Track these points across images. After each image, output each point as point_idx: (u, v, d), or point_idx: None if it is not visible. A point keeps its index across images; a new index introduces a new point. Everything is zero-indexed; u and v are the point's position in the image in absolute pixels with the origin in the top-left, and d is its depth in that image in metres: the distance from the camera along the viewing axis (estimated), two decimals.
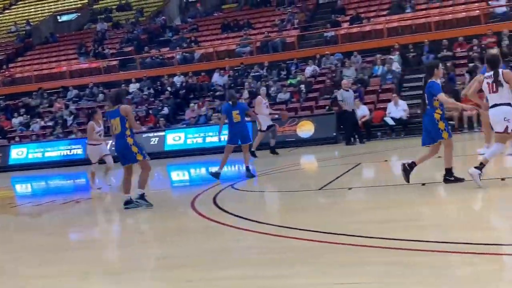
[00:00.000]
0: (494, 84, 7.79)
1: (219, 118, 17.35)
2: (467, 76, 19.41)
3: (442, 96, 8.28)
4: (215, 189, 10.45)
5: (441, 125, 8.39)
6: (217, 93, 23.92)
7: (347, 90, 18.23)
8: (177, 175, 16.64)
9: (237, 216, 7.58)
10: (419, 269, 4.65)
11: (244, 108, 12.57)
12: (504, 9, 23.51)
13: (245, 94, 22.91)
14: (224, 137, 12.72)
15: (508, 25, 22.35)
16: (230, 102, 12.26)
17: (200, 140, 20.95)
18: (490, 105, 8.07)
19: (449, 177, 8.29)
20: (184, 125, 22.27)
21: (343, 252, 5.40)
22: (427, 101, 8.31)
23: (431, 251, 5.06)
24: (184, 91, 24.64)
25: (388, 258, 5.07)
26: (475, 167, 7.64)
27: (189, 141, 20.82)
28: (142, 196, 9.02)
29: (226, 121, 12.40)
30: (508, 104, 7.71)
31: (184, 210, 8.85)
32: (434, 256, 4.97)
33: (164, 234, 7.39)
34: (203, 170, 15.97)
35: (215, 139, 20.86)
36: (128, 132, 8.95)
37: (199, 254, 5.90)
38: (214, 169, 12.17)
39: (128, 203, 9.05)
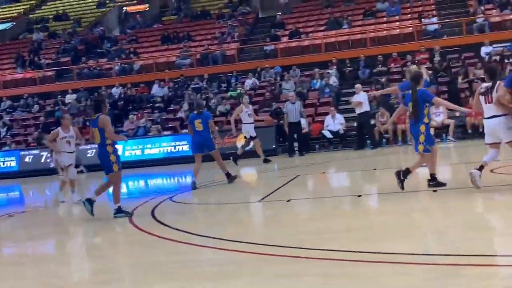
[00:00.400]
0: (490, 96, 7.93)
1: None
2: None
3: (437, 100, 8.80)
4: (153, 202, 10.30)
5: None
6: (157, 105, 23.70)
7: (293, 103, 18.37)
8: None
9: (175, 229, 7.48)
10: (356, 280, 4.70)
11: (207, 117, 12.48)
12: (435, 26, 24.35)
13: (185, 106, 22.80)
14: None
15: (439, 42, 23.14)
16: (195, 111, 12.39)
17: (139, 152, 20.68)
18: (486, 116, 8.19)
19: (433, 181, 8.54)
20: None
21: (282, 264, 5.40)
22: (419, 109, 8.42)
23: (367, 261, 5.13)
24: (122, 102, 24.30)
25: (326, 269, 5.10)
26: (476, 169, 7.88)
27: (127, 153, 20.50)
28: (119, 210, 8.83)
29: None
30: (505, 115, 7.84)
31: (122, 223, 8.68)
32: (370, 267, 5.03)
33: (99, 248, 7.22)
34: (141, 183, 15.74)
35: (155, 151, 20.71)
36: (108, 141, 8.79)
37: (133, 269, 5.78)
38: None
39: (118, 212, 8.89)
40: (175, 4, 32.63)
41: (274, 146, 19.23)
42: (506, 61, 20.66)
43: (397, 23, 25.41)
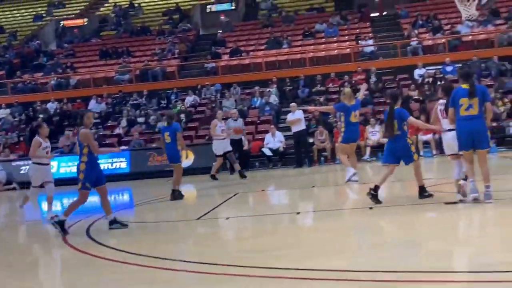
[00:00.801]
0: (446, 111, 8.51)
1: None
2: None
3: (411, 120, 9.19)
4: (89, 220, 10.05)
5: (413, 148, 9.06)
6: (94, 121, 23.20)
7: (235, 120, 18.35)
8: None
9: (110, 247, 7.32)
10: None
11: (175, 129, 12.39)
12: (372, 48, 24.96)
13: (123, 122, 22.49)
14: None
15: (375, 64, 23.73)
16: (165, 123, 12.45)
17: (74, 169, 20.12)
18: (444, 129, 8.75)
19: (424, 193, 8.95)
20: (58, 153, 21.35)
21: (219, 282, 5.35)
22: (397, 127, 8.86)
23: (305, 278, 5.14)
24: (58, 118, 23.71)
25: (264, 287, 5.09)
26: (463, 179, 8.43)
27: (62, 170, 19.97)
28: (60, 223, 8.54)
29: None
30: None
31: (56, 242, 8.42)
32: (308, 283, 5.04)
33: (31, 268, 6.96)
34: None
35: None
36: (84, 159, 8.67)
37: None
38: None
39: (112, 223, 8.76)
40: (115, 19, 32.22)
41: (214, 163, 19.10)
42: (438, 83, 21.35)
43: (335, 44, 25.91)
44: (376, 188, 8.87)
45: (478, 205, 8.18)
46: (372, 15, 28.60)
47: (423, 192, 8.98)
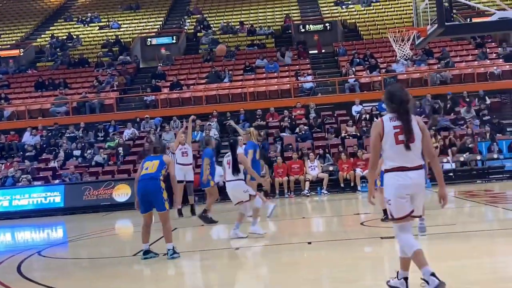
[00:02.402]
0: None
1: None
2: (278, 145, 20.57)
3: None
4: (20, 257, 9.70)
5: None
6: (27, 154, 22.64)
7: (173, 153, 18.17)
8: None
9: (42, 285, 7.08)
10: None
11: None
12: (311, 84, 25.43)
13: (61, 154, 22.04)
14: None
15: (314, 99, 24.17)
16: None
17: (6, 203, 19.52)
18: None
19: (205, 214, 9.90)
20: None
21: None
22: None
23: None
24: None
25: None
26: None
27: None
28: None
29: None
30: None
31: None
32: None
33: None
34: (8, 236, 14.82)
35: (24, 202, 19.67)
36: None
37: None
38: None
39: (146, 253, 8.42)
40: (51, 51, 31.75)
41: None
42: (375, 119, 21.91)
43: (275, 79, 26.28)
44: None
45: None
46: (311, 52, 29.22)
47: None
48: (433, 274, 4.94)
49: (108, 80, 27.16)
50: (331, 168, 19.40)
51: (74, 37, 33.34)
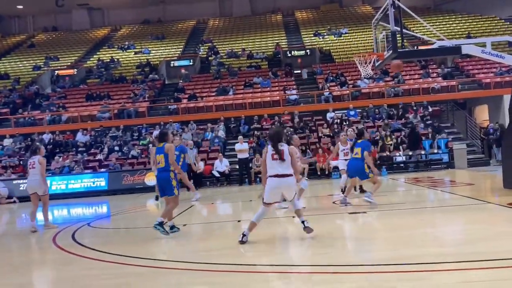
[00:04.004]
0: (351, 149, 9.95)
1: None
2: None
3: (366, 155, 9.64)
4: (74, 227, 9.69)
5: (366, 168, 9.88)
6: (79, 149, 22.64)
7: (191, 148, 18.26)
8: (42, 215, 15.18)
9: (91, 248, 7.07)
10: (232, 286, 4.65)
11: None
12: (295, 96, 25.41)
13: (105, 150, 22.00)
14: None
15: (298, 108, 24.16)
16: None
17: (63, 186, 19.50)
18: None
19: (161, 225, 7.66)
20: (50, 174, 20.60)
21: (176, 274, 5.24)
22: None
23: (241, 271, 5.11)
24: (51, 146, 22.91)
25: (211, 279, 5.02)
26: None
27: (54, 187, 19.24)
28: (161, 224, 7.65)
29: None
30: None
31: (46, 244, 8.06)
32: (243, 276, 5.01)
33: (24, 265, 6.62)
34: (65, 211, 14.79)
35: (77, 185, 19.65)
36: (171, 167, 7.72)
37: (54, 283, 5.35)
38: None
39: (172, 228, 7.77)
40: (98, 70, 31.70)
41: None
42: (344, 123, 21.92)
43: (268, 92, 26.25)
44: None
45: (373, 215, 8.37)
46: (295, 72, 29.19)
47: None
48: None
49: (141, 93, 27.09)
50: (311, 160, 19.40)
51: (115, 60, 33.23)
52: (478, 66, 26.14)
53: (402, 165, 19.97)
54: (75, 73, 31.74)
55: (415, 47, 20.65)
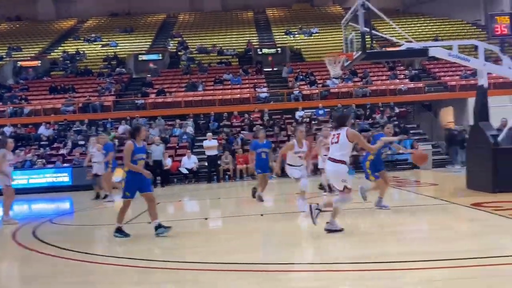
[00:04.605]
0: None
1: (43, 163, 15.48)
2: (239, 140, 20.46)
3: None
4: (36, 223, 9.45)
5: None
6: (42, 143, 22.11)
7: (157, 145, 18.11)
8: (0, 212, 14.75)
9: (52, 245, 6.91)
10: (201, 284, 4.64)
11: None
12: (265, 94, 25.48)
13: (69, 144, 21.54)
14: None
15: (268, 106, 24.24)
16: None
17: (25, 181, 18.97)
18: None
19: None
20: (13, 168, 19.98)
21: (139, 273, 5.19)
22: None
23: (211, 270, 5.10)
24: (13, 139, 22.18)
25: (178, 277, 4.99)
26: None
27: (14, 182, 18.60)
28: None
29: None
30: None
31: (6, 240, 7.83)
32: (213, 274, 5.00)
33: None
34: (25, 207, 14.41)
35: (39, 180, 19.18)
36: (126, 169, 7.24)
37: (14, 282, 5.22)
38: None
39: (157, 228, 7.25)
40: (63, 62, 30.96)
41: None
42: (313, 122, 22.12)
43: (238, 90, 26.23)
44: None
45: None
46: (266, 70, 29.26)
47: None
48: None
49: (107, 87, 26.63)
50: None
51: (81, 52, 32.54)
52: (444, 69, 26.82)
53: None
54: (39, 64, 30.94)
55: (384, 49, 21.02)
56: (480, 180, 10.52)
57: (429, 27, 33.71)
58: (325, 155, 10.79)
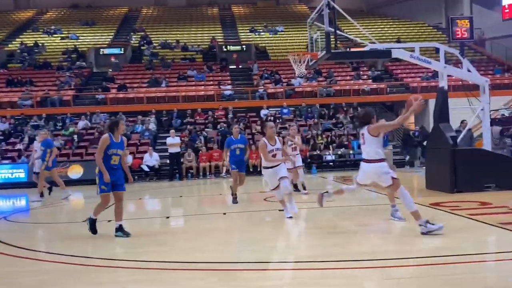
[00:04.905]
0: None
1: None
2: (202, 138, 20.38)
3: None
4: None
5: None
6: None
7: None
8: None
9: (8, 244, 6.69)
10: (158, 284, 4.59)
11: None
12: (230, 92, 25.45)
13: (26, 139, 20.89)
14: None
15: (232, 104, 24.21)
16: None
17: None
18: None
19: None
20: None
21: (98, 273, 5.09)
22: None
23: (170, 269, 5.05)
24: None
25: (135, 277, 4.92)
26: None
27: None
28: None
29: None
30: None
31: None
32: (171, 273, 4.96)
33: None
34: None
35: None
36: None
37: None
38: None
39: (117, 230, 7.12)
40: (21, 55, 29.97)
41: None
42: (277, 120, 22.24)
43: (202, 87, 26.09)
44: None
45: (300, 213, 8.56)
46: (231, 67, 29.22)
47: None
48: None
49: (66, 81, 25.97)
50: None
51: (40, 44, 31.59)
52: (406, 70, 27.48)
53: (332, 163, 20.60)
54: None
55: (348, 49, 21.35)
56: (439, 181, 10.84)
57: (392, 28, 34.45)
58: (292, 155, 10.86)
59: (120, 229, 7.14)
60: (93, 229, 7.16)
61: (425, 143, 18.22)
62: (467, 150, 11.52)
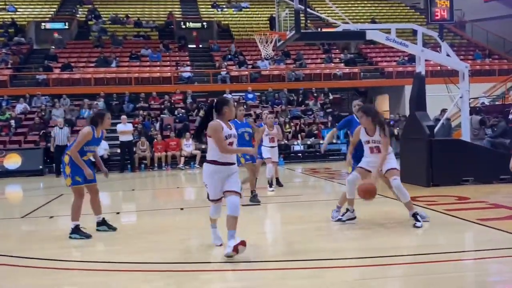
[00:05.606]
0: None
1: None
2: (157, 125, 20.10)
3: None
4: None
5: None
6: None
7: (61, 128, 17.44)
8: None
9: None
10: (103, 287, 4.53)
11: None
12: (189, 74, 25.23)
13: None
14: None
15: (191, 87, 24.04)
16: None
17: None
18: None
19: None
20: None
21: (40, 275, 4.97)
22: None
23: (115, 270, 4.99)
24: None
25: (79, 279, 4.83)
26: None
27: None
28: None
29: None
30: None
31: None
32: (119, 275, 4.89)
33: None
34: None
35: None
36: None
37: None
38: None
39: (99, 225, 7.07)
40: None
41: (41, 166, 17.88)
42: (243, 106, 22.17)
43: (158, 68, 25.76)
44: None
45: (267, 208, 8.59)
46: (190, 46, 28.95)
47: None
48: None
49: (3, 58, 25.13)
50: (203, 146, 19.40)
51: None
52: (381, 54, 27.91)
53: (300, 154, 20.77)
54: None
55: (319, 29, 21.49)
56: (415, 174, 11.08)
57: (366, 8, 34.86)
58: (269, 146, 10.66)
59: (103, 223, 7.07)
60: (84, 234, 6.74)
61: (396, 131, 18.61)
62: (444, 141, 11.81)
